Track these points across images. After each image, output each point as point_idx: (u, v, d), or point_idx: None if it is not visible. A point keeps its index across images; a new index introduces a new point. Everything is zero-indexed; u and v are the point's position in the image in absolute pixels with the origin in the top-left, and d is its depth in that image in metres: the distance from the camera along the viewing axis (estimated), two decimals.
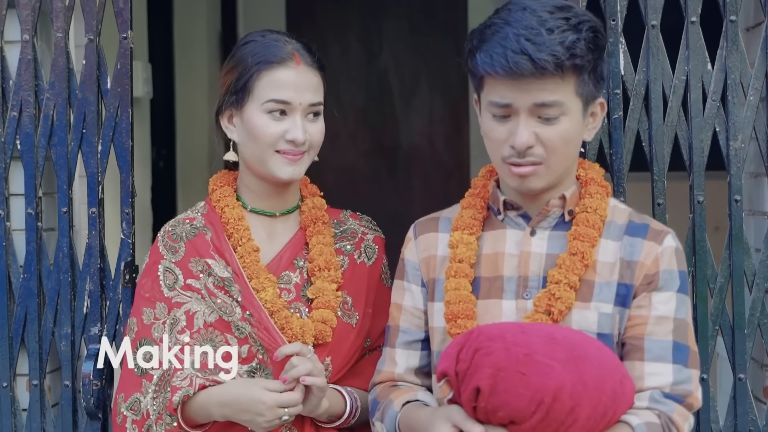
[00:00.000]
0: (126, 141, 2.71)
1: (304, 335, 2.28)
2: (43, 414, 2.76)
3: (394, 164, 5.47)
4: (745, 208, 2.59)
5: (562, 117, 2.06)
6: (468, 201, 2.25)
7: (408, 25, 5.48)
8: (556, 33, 2.02)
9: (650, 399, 2.05)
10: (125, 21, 2.70)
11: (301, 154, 2.32)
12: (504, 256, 2.16)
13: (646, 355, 2.08)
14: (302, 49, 2.34)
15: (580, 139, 2.13)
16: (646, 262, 2.11)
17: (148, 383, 2.27)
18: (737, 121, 2.57)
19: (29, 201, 2.75)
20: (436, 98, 5.44)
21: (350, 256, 2.41)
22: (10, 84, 2.76)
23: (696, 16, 2.58)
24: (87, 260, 2.73)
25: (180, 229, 2.36)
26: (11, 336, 2.76)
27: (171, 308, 2.30)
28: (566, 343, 1.98)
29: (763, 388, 2.65)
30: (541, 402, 1.91)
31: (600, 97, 2.14)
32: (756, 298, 2.57)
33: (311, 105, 2.32)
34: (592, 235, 2.12)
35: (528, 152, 2.07)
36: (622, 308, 2.11)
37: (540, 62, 2.00)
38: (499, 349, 1.95)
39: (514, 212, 2.18)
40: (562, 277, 2.09)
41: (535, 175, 2.09)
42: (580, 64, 2.03)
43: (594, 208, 2.14)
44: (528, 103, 2.05)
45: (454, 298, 2.14)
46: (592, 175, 2.20)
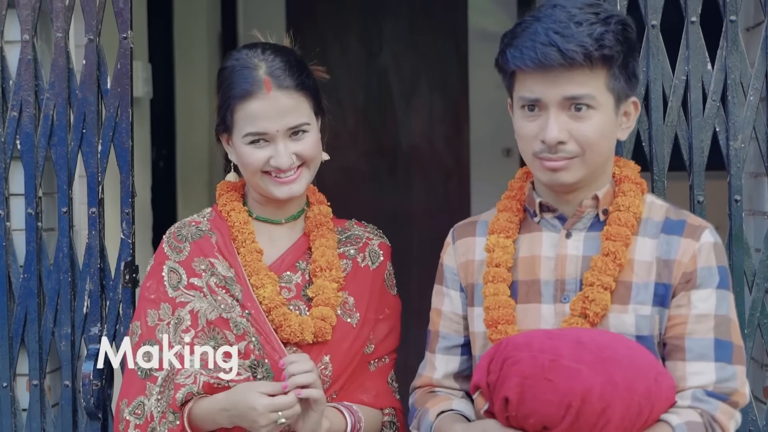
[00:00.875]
0: (126, 141, 2.71)
1: (303, 332, 2.28)
2: (43, 414, 2.76)
3: (394, 164, 5.47)
4: (745, 208, 2.60)
5: (593, 111, 2.06)
6: (504, 203, 2.24)
7: (408, 25, 5.47)
8: (584, 26, 2.03)
9: (693, 398, 2.04)
10: (125, 21, 2.70)
11: (297, 172, 2.31)
12: (540, 259, 2.16)
13: (687, 354, 2.07)
14: (278, 70, 2.30)
15: (613, 135, 2.12)
16: (683, 260, 2.10)
17: (153, 385, 2.27)
18: (737, 121, 2.57)
19: (29, 201, 2.75)
20: (436, 98, 5.44)
21: (353, 259, 2.41)
22: (10, 84, 2.76)
23: (696, 16, 2.58)
24: (87, 260, 2.73)
25: (186, 231, 2.37)
26: (11, 336, 2.76)
27: (175, 308, 2.30)
28: (594, 345, 1.98)
29: (763, 388, 2.65)
30: (569, 406, 1.91)
31: (633, 96, 2.13)
32: (756, 298, 2.57)
33: (291, 128, 2.29)
34: (624, 234, 2.10)
35: (560, 148, 2.07)
36: (662, 308, 2.10)
37: (568, 53, 2.01)
38: (526, 357, 1.96)
39: (550, 214, 2.18)
40: (595, 279, 2.08)
41: (567, 169, 2.08)
42: (609, 54, 2.03)
43: (627, 206, 2.13)
44: (558, 96, 2.05)
45: (493, 303, 2.14)
46: (627, 173, 2.19)
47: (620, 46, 2.05)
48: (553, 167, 2.08)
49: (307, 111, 2.32)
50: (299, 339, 2.28)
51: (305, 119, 2.31)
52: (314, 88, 2.36)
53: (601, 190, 2.15)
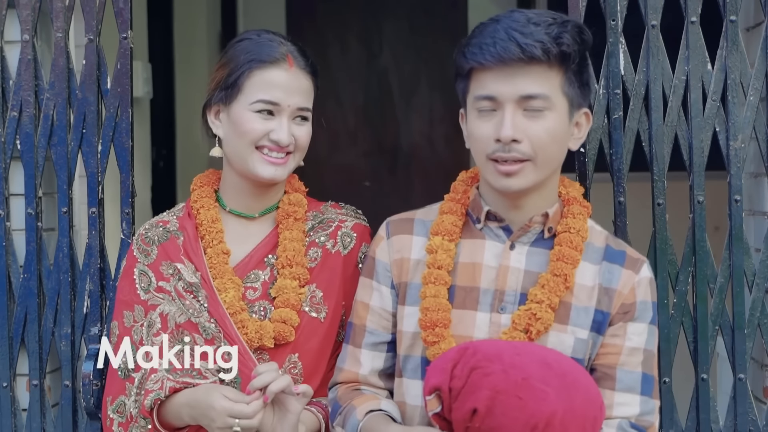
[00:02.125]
0: (126, 141, 2.71)
1: (262, 338, 2.27)
2: (43, 414, 2.76)
3: (394, 164, 5.47)
4: (745, 208, 2.59)
5: (547, 112, 2.06)
6: (448, 206, 2.22)
7: (408, 25, 5.47)
8: (542, 26, 2.05)
9: (618, 427, 2.09)
10: (125, 21, 2.70)
11: (285, 157, 2.31)
12: (482, 267, 2.15)
13: (617, 384, 2.11)
14: (296, 52, 2.34)
15: (565, 143, 2.12)
16: (623, 291, 2.13)
17: (131, 386, 2.28)
18: (737, 121, 2.57)
19: (29, 201, 2.75)
20: (436, 98, 5.44)
21: (323, 247, 2.38)
22: (10, 84, 2.76)
23: (696, 16, 2.58)
24: (87, 260, 2.73)
25: (153, 233, 2.38)
26: (11, 336, 2.76)
27: (147, 310, 2.32)
28: (559, 369, 2.00)
29: (763, 388, 2.65)
30: (534, 427, 1.93)
31: (585, 106, 2.14)
32: (756, 298, 2.57)
33: (299, 109, 2.31)
34: (575, 257, 2.12)
35: (514, 147, 2.06)
36: (596, 334, 2.13)
37: (527, 47, 2.02)
38: (498, 371, 1.96)
39: (495, 224, 2.17)
40: (544, 297, 2.09)
41: (518, 174, 2.07)
42: (567, 51, 2.04)
43: (577, 229, 2.14)
44: (514, 94, 2.05)
45: (432, 305, 2.13)
46: (574, 194, 2.20)
47: (577, 47, 2.06)
48: (506, 171, 2.08)
49: (312, 99, 2.35)
50: (258, 345, 2.27)
51: (310, 105, 2.34)
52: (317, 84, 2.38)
53: (551, 208, 2.15)
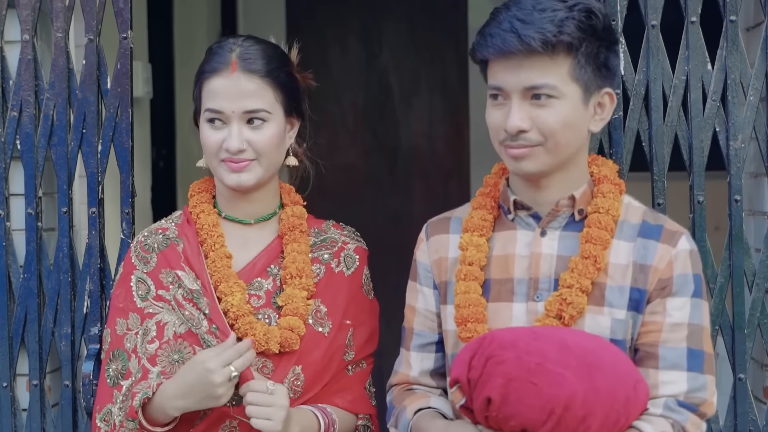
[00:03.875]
0: (126, 141, 2.71)
1: (269, 342, 2.25)
2: (43, 414, 2.76)
3: (394, 164, 5.47)
4: (745, 208, 2.59)
5: (555, 101, 2.05)
6: (478, 201, 2.22)
7: (408, 25, 5.47)
8: (547, 12, 2.03)
9: (665, 407, 2.04)
10: (125, 21, 2.70)
11: (246, 162, 2.28)
12: (515, 257, 2.14)
13: (660, 363, 2.06)
14: (248, 55, 2.29)
15: (582, 127, 2.10)
16: (659, 266, 2.08)
17: (118, 393, 2.27)
18: (737, 121, 2.57)
19: (29, 201, 2.75)
20: (436, 98, 5.43)
21: (327, 265, 2.38)
22: (10, 84, 2.76)
23: (696, 16, 2.58)
24: (87, 260, 2.73)
25: (152, 240, 2.36)
26: (11, 336, 2.76)
27: (143, 319, 2.29)
28: (579, 350, 1.97)
29: (763, 388, 2.65)
30: (552, 412, 1.91)
31: (607, 87, 2.11)
32: (756, 298, 2.57)
33: (248, 112, 2.27)
34: (604, 238, 2.09)
35: (521, 136, 2.06)
36: (636, 313, 2.08)
37: (526, 38, 2.01)
38: (511, 358, 1.95)
39: (524, 212, 2.16)
40: (574, 281, 2.07)
41: (529, 157, 2.07)
42: (568, 41, 2.02)
43: (606, 208, 2.11)
44: (519, 85, 2.05)
45: (463, 301, 2.12)
46: (606, 173, 2.17)
47: (582, 33, 2.04)
48: (515, 155, 2.08)
49: (270, 101, 2.29)
50: (264, 348, 2.25)
51: (265, 107, 2.28)
52: (288, 85, 2.33)
53: (578, 189, 2.13)
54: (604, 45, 2.08)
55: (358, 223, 2.57)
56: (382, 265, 3.35)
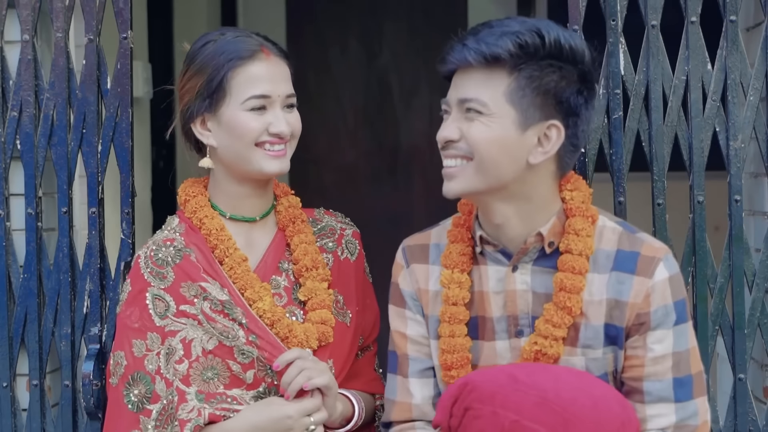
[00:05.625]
0: (126, 141, 2.71)
1: (309, 340, 2.23)
2: (43, 414, 2.76)
3: (394, 164, 5.47)
4: (745, 208, 2.59)
5: (484, 118, 2.00)
6: (454, 233, 2.17)
7: (408, 25, 5.47)
8: (495, 29, 2.01)
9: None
10: (125, 21, 2.70)
11: (284, 148, 2.26)
12: (489, 295, 2.11)
13: (645, 397, 2.04)
14: (266, 41, 2.30)
15: (518, 153, 2.02)
16: (636, 301, 2.03)
17: (147, 419, 2.18)
18: (737, 121, 2.57)
19: (29, 201, 2.75)
20: (436, 98, 5.43)
21: (334, 253, 2.37)
22: (10, 84, 2.76)
23: (696, 16, 2.58)
24: (87, 260, 2.72)
25: (164, 253, 2.27)
26: (11, 336, 2.76)
27: (165, 337, 2.20)
28: (559, 404, 1.92)
29: (763, 388, 2.65)
30: None
31: (555, 119, 2.02)
32: (756, 298, 2.57)
33: (288, 96, 2.28)
34: (578, 285, 2.03)
35: (450, 146, 2.04)
36: (615, 347, 2.05)
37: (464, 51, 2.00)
38: (487, 413, 1.92)
39: (491, 248, 2.11)
40: (549, 332, 2.03)
41: (457, 176, 2.04)
42: (497, 54, 1.98)
43: (579, 250, 2.05)
44: (455, 98, 2.05)
45: (449, 346, 2.10)
46: (578, 203, 2.09)
47: (521, 53, 1.98)
48: (445, 173, 2.05)
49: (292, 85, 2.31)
50: (306, 347, 2.22)
51: (293, 91, 2.30)
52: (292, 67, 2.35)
53: (544, 226, 2.07)
54: (557, 74, 2.01)
55: (359, 223, 2.56)
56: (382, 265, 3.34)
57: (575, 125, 2.04)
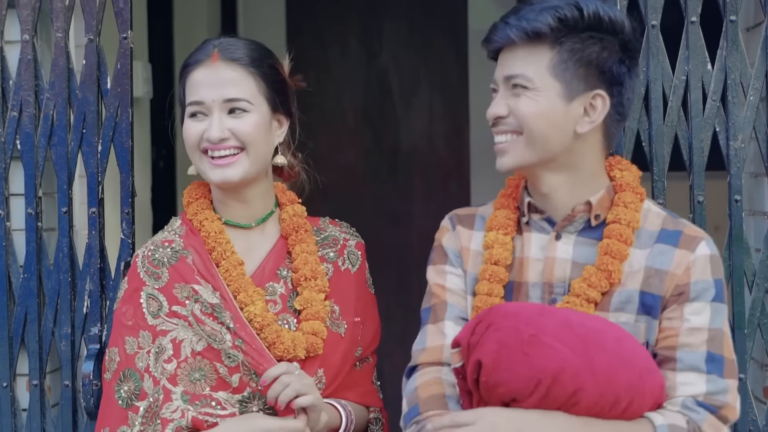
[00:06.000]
0: (126, 141, 2.71)
1: (296, 348, 2.23)
2: (43, 414, 2.76)
3: (394, 164, 5.47)
4: (745, 208, 2.59)
5: (530, 92, 2.07)
6: (501, 201, 2.23)
7: (408, 25, 5.47)
8: (535, 6, 2.07)
9: (682, 405, 2.02)
10: (125, 21, 2.70)
11: (233, 157, 2.25)
12: (529, 261, 2.14)
13: (677, 365, 2.04)
14: (230, 46, 2.28)
15: (565, 125, 2.08)
16: (677, 272, 2.06)
17: (135, 415, 2.20)
18: (737, 121, 2.57)
19: (29, 201, 2.75)
20: (436, 98, 5.43)
21: (334, 263, 2.37)
22: (10, 84, 2.76)
23: (696, 16, 2.58)
24: (87, 260, 2.72)
25: (160, 254, 2.29)
26: (11, 336, 2.76)
27: (156, 336, 2.23)
28: (581, 329, 1.97)
29: (763, 388, 2.65)
30: (539, 383, 1.91)
31: (599, 89, 2.08)
32: (756, 298, 2.57)
33: (228, 100, 2.25)
34: (623, 252, 2.08)
35: (500, 122, 2.10)
36: (649, 318, 2.07)
37: (507, 29, 2.07)
38: (509, 326, 1.95)
39: (538, 215, 2.16)
40: (582, 291, 2.06)
41: (508, 151, 2.10)
42: (538, 29, 2.05)
43: (628, 220, 2.10)
44: (500, 76, 2.11)
45: (483, 303, 2.12)
46: (629, 180, 2.15)
47: (563, 26, 2.05)
48: (497, 149, 2.12)
49: (252, 91, 2.27)
50: (292, 356, 2.23)
51: (246, 96, 2.26)
52: (273, 78, 2.31)
53: (594, 195, 2.12)
54: (598, 45, 2.07)
55: (359, 223, 2.57)
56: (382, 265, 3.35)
57: (620, 94, 2.11)
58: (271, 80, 2.30)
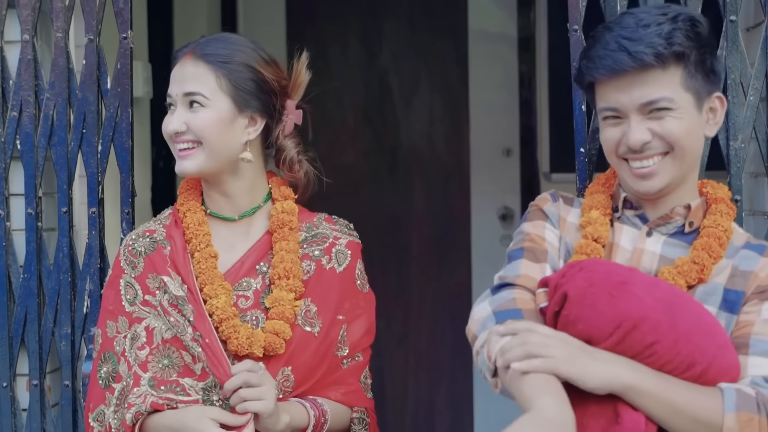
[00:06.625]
0: (126, 141, 2.71)
1: (252, 346, 2.24)
2: (43, 414, 2.77)
3: (394, 164, 5.47)
4: (745, 208, 2.59)
5: (673, 112, 2.09)
6: (594, 188, 2.27)
7: (408, 25, 5.47)
8: (652, 27, 2.07)
9: (751, 381, 2.02)
10: (125, 21, 2.70)
11: (190, 150, 2.31)
12: (618, 248, 2.17)
13: (750, 350, 2.06)
14: (204, 44, 2.32)
15: (700, 133, 2.15)
16: (761, 273, 2.11)
17: (111, 396, 2.29)
18: (737, 121, 2.57)
19: (29, 201, 2.75)
20: (436, 98, 5.43)
21: (317, 261, 2.36)
22: (10, 84, 2.76)
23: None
24: (87, 260, 2.73)
25: (139, 244, 2.36)
26: (11, 336, 2.76)
27: (132, 323, 2.31)
28: (669, 291, 2.00)
29: None
30: (619, 326, 1.92)
31: (716, 91, 2.15)
32: None
33: (186, 94, 2.31)
34: (718, 252, 2.12)
35: (646, 147, 2.10)
36: (730, 314, 2.10)
37: (638, 54, 2.05)
38: (601, 270, 1.98)
39: (632, 212, 2.20)
40: (670, 277, 2.10)
41: (656, 173, 2.11)
42: (680, 51, 2.06)
43: (725, 227, 2.15)
44: (635, 103, 2.09)
45: None
46: (722, 195, 2.22)
47: (691, 42, 2.08)
48: (642, 174, 2.12)
49: (211, 87, 2.30)
50: (247, 352, 2.25)
51: (203, 91, 2.30)
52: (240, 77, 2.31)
53: (693, 201, 2.18)
54: (709, 51, 2.13)
55: (359, 223, 2.56)
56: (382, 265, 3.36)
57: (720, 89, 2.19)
58: (240, 78, 2.31)
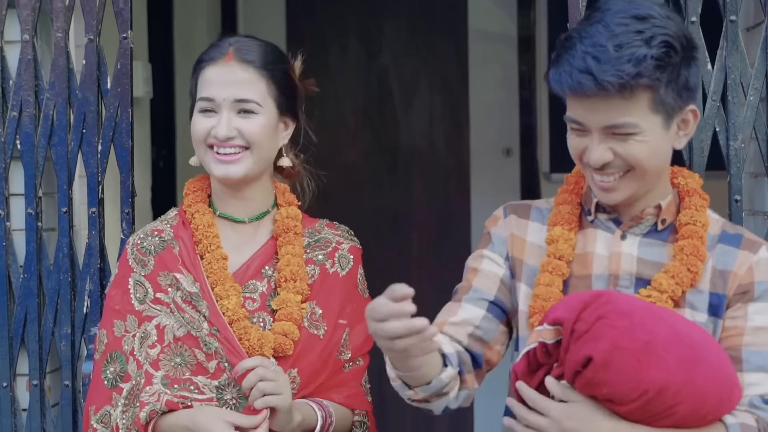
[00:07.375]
0: (126, 141, 2.71)
1: (262, 347, 2.26)
2: (43, 414, 2.77)
3: (394, 164, 5.47)
4: (745, 208, 2.59)
5: (637, 136, 2.02)
6: (562, 197, 2.21)
7: (408, 25, 5.47)
8: (624, 49, 1.96)
9: (749, 404, 2.02)
10: (125, 21, 2.70)
11: (237, 155, 2.30)
12: (594, 256, 2.14)
13: (744, 365, 2.04)
14: (245, 47, 2.32)
15: (667, 149, 2.09)
16: (739, 272, 2.08)
17: (118, 396, 2.27)
18: (737, 121, 2.57)
19: (29, 201, 2.75)
20: (436, 98, 5.43)
21: (321, 266, 2.38)
22: (10, 84, 2.76)
23: (696, 16, 2.58)
24: (87, 260, 2.73)
25: (149, 242, 2.36)
26: (11, 336, 2.76)
27: (141, 321, 2.30)
28: (689, 341, 1.96)
29: None
30: (644, 392, 1.91)
31: (692, 104, 2.08)
32: None
33: (238, 101, 2.29)
34: (703, 252, 2.08)
35: (607, 167, 2.05)
36: (715, 318, 2.08)
37: (603, 83, 1.96)
38: (624, 327, 1.93)
39: (605, 215, 2.16)
40: (668, 288, 2.06)
41: (617, 188, 2.07)
42: (647, 84, 1.97)
43: (702, 222, 2.11)
44: (598, 124, 2.02)
45: (544, 293, 2.11)
46: (693, 186, 2.17)
47: (662, 72, 1.98)
48: (603, 187, 2.08)
49: (262, 94, 2.31)
50: (258, 353, 2.26)
51: (256, 98, 2.30)
52: (283, 83, 2.35)
53: (663, 199, 2.14)
54: (685, 66, 2.03)
55: (358, 223, 2.57)
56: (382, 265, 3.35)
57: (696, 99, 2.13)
58: (282, 84, 2.35)
